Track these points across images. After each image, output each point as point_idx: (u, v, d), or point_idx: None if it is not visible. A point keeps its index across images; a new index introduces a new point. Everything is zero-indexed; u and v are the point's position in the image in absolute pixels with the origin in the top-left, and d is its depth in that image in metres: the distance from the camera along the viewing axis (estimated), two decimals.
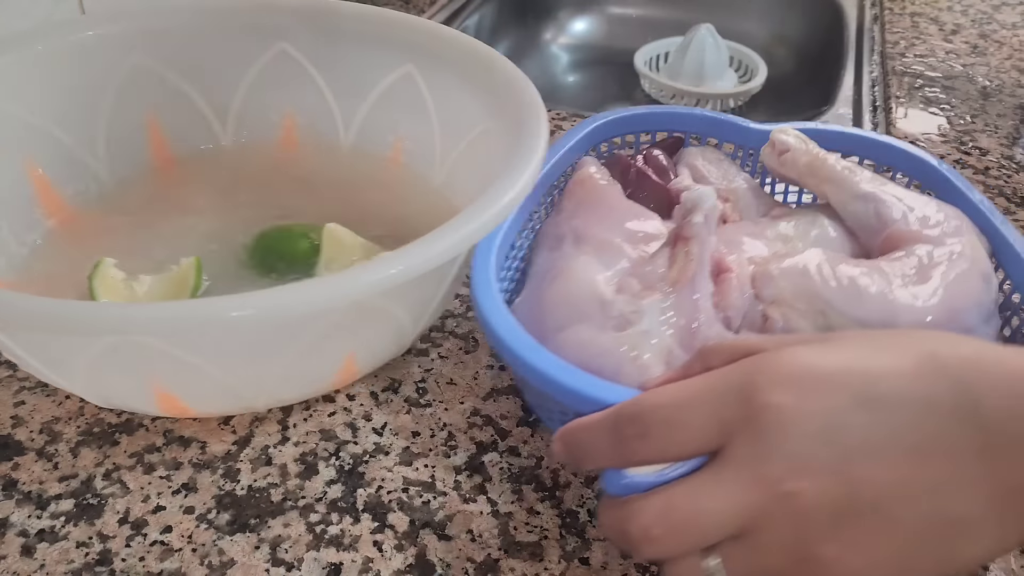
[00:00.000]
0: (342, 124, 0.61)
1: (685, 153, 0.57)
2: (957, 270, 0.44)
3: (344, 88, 0.60)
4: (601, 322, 0.42)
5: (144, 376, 0.39)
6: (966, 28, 0.99)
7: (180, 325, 0.35)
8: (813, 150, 0.51)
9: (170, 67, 0.58)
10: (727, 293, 0.43)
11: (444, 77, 0.56)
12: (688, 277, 0.42)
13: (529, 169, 0.43)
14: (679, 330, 0.41)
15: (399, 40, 0.57)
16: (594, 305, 0.42)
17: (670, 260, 0.43)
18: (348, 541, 0.40)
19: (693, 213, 0.42)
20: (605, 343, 0.41)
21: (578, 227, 0.49)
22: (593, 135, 0.56)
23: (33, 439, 0.45)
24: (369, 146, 0.61)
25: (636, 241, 0.48)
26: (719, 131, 0.57)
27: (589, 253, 0.46)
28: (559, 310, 0.43)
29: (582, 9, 1.18)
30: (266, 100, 0.61)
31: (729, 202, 0.53)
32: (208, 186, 0.58)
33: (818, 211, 0.51)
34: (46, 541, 0.40)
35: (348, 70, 0.59)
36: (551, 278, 0.46)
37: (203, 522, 0.41)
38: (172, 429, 0.45)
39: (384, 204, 0.57)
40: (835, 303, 0.42)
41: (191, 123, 0.60)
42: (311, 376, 0.43)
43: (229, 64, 0.59)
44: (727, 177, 0.55)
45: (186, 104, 0.59)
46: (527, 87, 0.50)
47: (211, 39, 0.58)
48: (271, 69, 0.60)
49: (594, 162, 0.55)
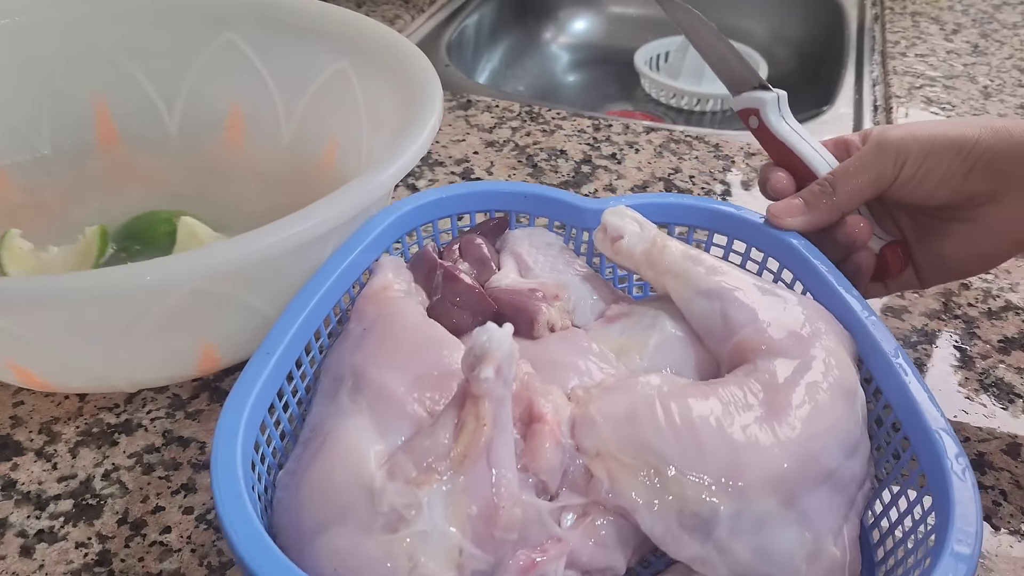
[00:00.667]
0: (283, 117, 0.62)
1: (509, 238, 0.48)
2: (816, 393, 0.36)
3: (286, 81, 0.61)
4: (367, 521, 0.32)
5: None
6: (967, 27, 0.99)
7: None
8: (650, 235, 0.44)
9: (120, 51, 0.60)
10: (539, 452, 0.34)
11: (372, 73, 0.56)
12: (479, 449, 0.32)
13: (388, 170, 0.42)
14: (472, 520, 0.32)
15: (335, 34, 0.58)
16: (360, 496, 0.33)
17: (456, 427, 0.33)
18: None
19: (482, 365, 0.31)
20: (371, 552, 0.31)
21: (358, 366, 0.39)
22: (396, 226, 0.46)
23: (32, 439, 0.45)
24: (306, 142, 0.61)
25: (427, 387, 0.37)
26: (547, 209, 0.49)
27: (363, 411, 0.36)
28: (318, 503, 0.34)
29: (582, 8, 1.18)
30: (212, 89, 0.62)
31: (559, 301, 0.44)
32: (142, 171, 0.60)
33: (660, 307, 0.44)
34: (45, 541, 0.40)
35: (289, 63, 0.60)
36: (314, 450, 0.36)
37: (202, 523, 0.41)
38: (171, 429, 0.45)
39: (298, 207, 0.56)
40: (668, 456, 0.34)
41: (139, 108, 0.61)
42: (167, 360, 0.44)
43: (177, 52, 0.61)
44: (557, 267, 0.46)
45: (135, 89, 0.61)
46: (431, 82, 0.50)
47: (161, 26, 0.60)
48: (218, 59, 0.61)
49: (394, 265, 0.45)
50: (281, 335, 0.38)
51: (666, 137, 0.73)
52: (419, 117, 0.46)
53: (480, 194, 0.49)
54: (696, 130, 0.75)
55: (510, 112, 0.76)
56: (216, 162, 0.61)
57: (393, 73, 0.54)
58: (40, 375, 0.42)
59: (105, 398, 0.47)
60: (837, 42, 1.00)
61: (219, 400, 0.47)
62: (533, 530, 0.34)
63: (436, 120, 0.47)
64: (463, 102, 0.78)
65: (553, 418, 0.36)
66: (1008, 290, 0.57)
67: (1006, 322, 0.55)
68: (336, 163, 0.59)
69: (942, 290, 0.57)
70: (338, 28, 0.58)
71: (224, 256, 0.37)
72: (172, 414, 0.46)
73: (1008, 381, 0.50)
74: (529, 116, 0.76)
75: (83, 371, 0.42)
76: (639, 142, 0.72)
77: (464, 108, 0.77)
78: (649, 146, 0.72)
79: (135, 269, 0.36)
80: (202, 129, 0.62)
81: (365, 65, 0.57)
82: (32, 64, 0.57)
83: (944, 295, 0.57)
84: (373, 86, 0.56)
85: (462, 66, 0.96)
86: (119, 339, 0.40)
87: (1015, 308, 0.56)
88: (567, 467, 0.35)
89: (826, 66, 0.98)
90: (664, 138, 0.73)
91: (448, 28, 0.96)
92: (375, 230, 0.45)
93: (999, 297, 0.57)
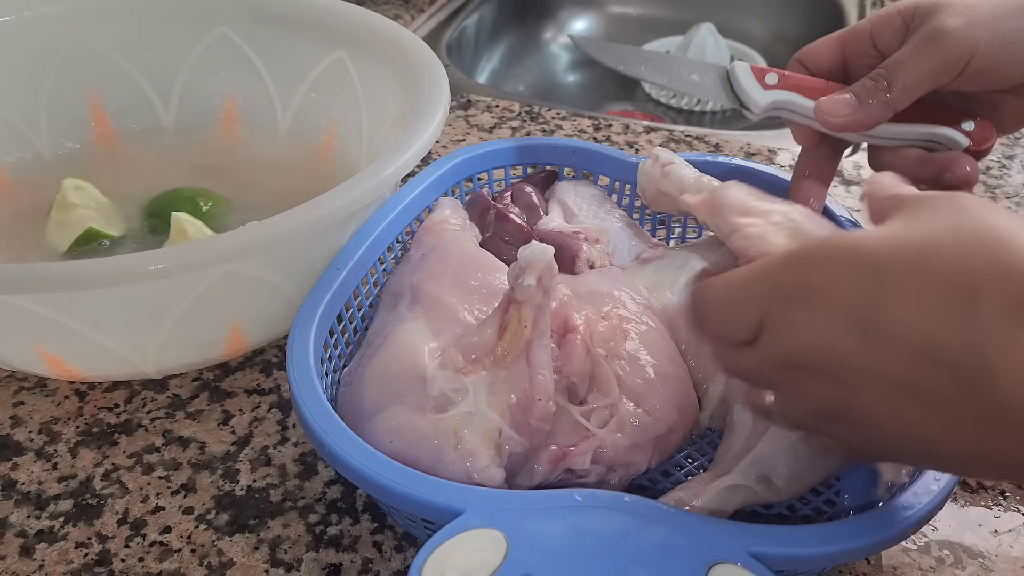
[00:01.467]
0: (280, 108, 0.62)
1: (557, 188, 0.54)
2: None
3: (282, 72, 0.61)
4: (420, 402, 0.37)
5: (25, 336, 0.41)
6: None
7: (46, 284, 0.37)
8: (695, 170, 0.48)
9: (113, 47, 0.60)
10: (572, 356, 0.39)
11: (370, 62, 0.57)
12: (519, 347, 0.37)
13: (407, 154, 0.44)
14: (511, 408, 0.37)
15: (330, 25, 0.58)
16: (414, 382, 0.38)
17: (500, 328, 0.37)
18: (347, 542, 0.40)
19: (526, 274, 0.36)
20: (422, 428, 0.36)
21: (417, 283, 0.44)
22: (454, 172, 0.52)
23: (32, 439, 0.45)
24: (304, 131, 0.62)
25: (476, 300, 0.42)
26: (594, 164, 0.54)
27: (419, 317, 0.42)
28: (378, 388, 0.39)
29: (582, 8, 1.18)
30: (207, 83, 0.62)
31: (600, 243, 0.48)
32: (141, 165, 0.60)
33: (691, 251, 0.48)
34: (45, 541, 0.40)
35: (284, 54, 0.61)
36: (376, 348, 0.41)
37: (202, 523, 0.41)
38: (171, 429, 0.45)
39: (305, 193, 0.57)
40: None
41: (134, 103, 0.62)
42: (197, 343, 0.44)
43: (171, 46, 0.61)
44: (599, 215, 0.52)
45: (129, 84, 0.61)
46: (436, 70, 0.51)
47: (154, 21, 0.60)
48: (212, 52, 0.61)
49: (451, 203, 0.50)
50: (351, 254, 0.44)
51: (666, 137, 0.73)
52: (429, 100, 0.48)
53: (531, 147, 0.54)
54: (696, 130, 0.75)
55: (510, 112, 0.76)
56: (214, 154, 0.61)
57: (391, 60, 0.54)
58: (70, 363, 0.43)
59: (105, 398, 0.47)
60: None
61: (219, 400, 0.47)
62: (563, 427, 0.39)
63: (446, 101, 0.48)
64: (463, 102, 0.78)
65: (585, 330, 0.41)
66: None
67: None
68: (336, 151, 0.60)
69: None
70: (332, 19, 0.58)
71: (258, 236, 0.39)
72: (172, 414, 0.46)
73: None
74: (529, 116, 0.76)
75: (114, 357, 0.43)
76: (639, 142, 0.72)
77: (464, 108, 0.77)
78: (649, 146, 0.72)
79: (172, 252, 0.38)
80: (198, 122, 0.63)
81: (362, 54, 0.57)
82: (27, 62, 0.58)
83: None
84: (371, 74, 0.57)
85: (462, 66, 0.95)
86: (155, 322, 0.41)
87: None
88: (594, 374, 0.40)
89: None
90: (664, 138, 0.73)
91: (448, 28, 0.96)
92: (436, 173, 0.50)
93: None
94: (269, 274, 0.43)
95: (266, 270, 0.42)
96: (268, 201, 0.54)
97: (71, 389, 0.47)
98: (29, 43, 0.57)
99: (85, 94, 0.60)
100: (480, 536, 0.31)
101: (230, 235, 0.39)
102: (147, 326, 0.42)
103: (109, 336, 0.41)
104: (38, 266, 0.37)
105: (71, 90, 0.59)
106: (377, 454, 0.34)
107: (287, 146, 0.62)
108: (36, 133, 0.59)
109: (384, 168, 0.43)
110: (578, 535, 0.32)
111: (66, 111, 0.60)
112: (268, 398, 0.47)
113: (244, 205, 0.55)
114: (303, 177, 0.59)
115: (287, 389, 0.48)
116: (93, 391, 0.47)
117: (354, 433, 0.35)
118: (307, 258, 0.44)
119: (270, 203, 0.53)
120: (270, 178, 0.59)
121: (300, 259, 0.44)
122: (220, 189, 0.56)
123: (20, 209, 0.55)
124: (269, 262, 0.42)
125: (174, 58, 0.61)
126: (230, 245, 0.39)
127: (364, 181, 0.42)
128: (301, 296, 0.42)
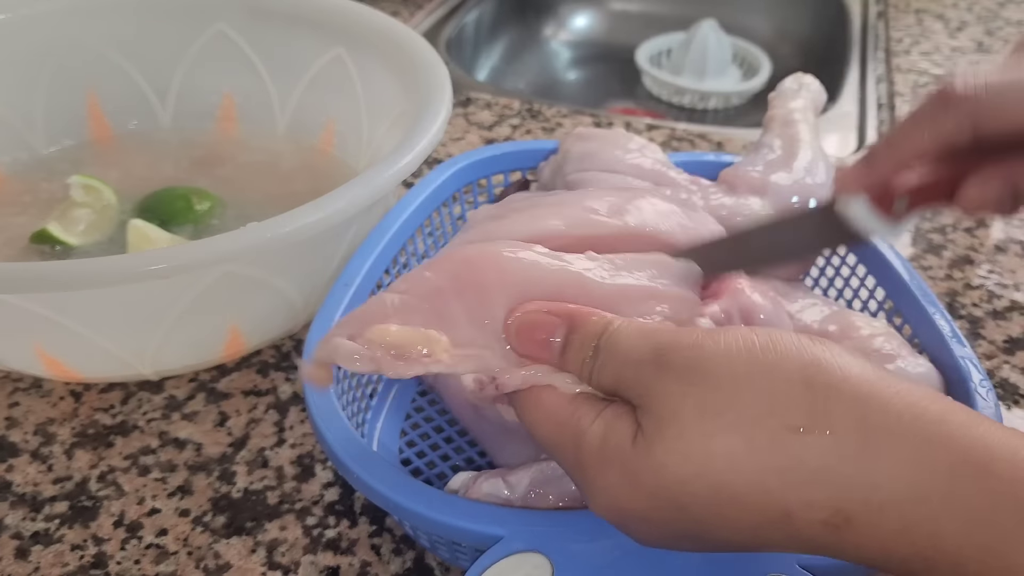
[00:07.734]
0: (278, 106, 0.62)
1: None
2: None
3: (280, 69, 0.61)
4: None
5: (23, 336, 0.41)
6: (971, 25, 0.98)
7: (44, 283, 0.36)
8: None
9: (110, 45, 0.60)
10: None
11: (370, 59, 0.56)
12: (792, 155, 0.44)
13: (410, 155, 0.43)
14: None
15: (329, 22, 0.58)
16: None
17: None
18: (345, 544, 0.39)
19: (796, 97, 0.44)
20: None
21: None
22: (457, 177, 0.50)
23: (27, 441, 0.44)
24: (302, 129, 0.61)
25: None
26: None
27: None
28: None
29: (583, 4, 1.17)
30: (205, 80, 0.62)
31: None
32: (139, 163, 0.60)
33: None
34: (40, 543, 0.39)
35: (282, 51, 0.60)
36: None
37: (199, 525, 0.40)
38: (167, 431, 0.45)
39: (302, 192, 0.55)
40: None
41: (131, 101, 0.62)
42: (196, 344, 0.44)
43: (168, 44, 0.61)
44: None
45: (126, 82, 0.61)
46: (437, 68, 0.51)
47: (151, 19, 0.60)
48: (209, 49, 0.61)
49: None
50: (357, 268, 0.42)
51: (668, 135, 0.72)
52: (431, 100, 0.47)
53: (541, 151, 0.52)
54: (699, 128, 0.74)
55: (510, 110, 0.76)
56: (211, 152, 0.61)
57: (391, 57, 0.54)
58: (68, 363, 0.42)
59: (101, 399, 0.46)
60: (841, 39, 0.99)
61: (214, 401, 0.46)
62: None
63: (449, 101, 0.48)
64: (462, 100, 0.77)
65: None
66: (1013, 290, 0.57)
67: (1011, 322, 0.54)
68: (334, 149, 0.60)
69: (946, 290, 0.57)
70: (330, 16, 0.58)
71: (259, 237, 0.38)
72: (168, 415, 0.46)
73: (1013, 382, 0.50)
74: (529, 114, 0.75)
75: (113, 358, 0.42)
76: None
77: (463, 105, 0.76)
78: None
79: (173, 251, 0.38)
80: (195, 120, 0.62)
81: (361, 51, 0.57)
82: (23, 60, 0.57)
83: (949, 295, 0.56)
84: (371, 71, 0.56)
85: (461, 63, 0.95)
86: (153, 323, 0.41)
87: (1020, 308, 0.55)
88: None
89: (830, 64, 0.97)
90: (666, 136, 0.72)
91: (447, 25, 0.96)
92: (438, 180, 0.49)
93: (1004, 297, 0.56)
94: (269, 276, 0.42)
95: (266, 271, 0.42)
96: (265, 199, 0.54)
97: (67, 390, 0.47)
98: (25, 41, 0.57)
99: (82, 92, 0.60)
100: (525, 561, 0.30)
101: (230, 236, 0.39)
102: (146, 327, 0.41)
103: (107, 337, 0.41)
104: (36, 265, 0.37)
105: (68, 88, 0.59)
106: (410, 480, 0.33)
107: (285, 144, 0.61)
108: (32, 131, 0.59)
109: (386, 169, 0.42)
110: (624, 554, 0.31)
111: (63, 109, 0.59)
112: (265, 399, 0.47)
113: (240, 203, 0.55)
114: (301, 175, 0.59)
115: (284, 390, 0.47)
116: (88, 392, 0.47)
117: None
118: (308, 259, 0.44)
119: (267, 201, 0.54)
120: (268, 176, 0.58)
121: (301, 260, 0.43)
122: (217, 187, 0.56)
123: (17, 208, 0.54)
124: (270, 263, 0.42)
125: (171, 56, 0.61)
126: (230, 246, 0.38)
127: (367, 182, 0.41)
128: (301, 297, 0.42)
